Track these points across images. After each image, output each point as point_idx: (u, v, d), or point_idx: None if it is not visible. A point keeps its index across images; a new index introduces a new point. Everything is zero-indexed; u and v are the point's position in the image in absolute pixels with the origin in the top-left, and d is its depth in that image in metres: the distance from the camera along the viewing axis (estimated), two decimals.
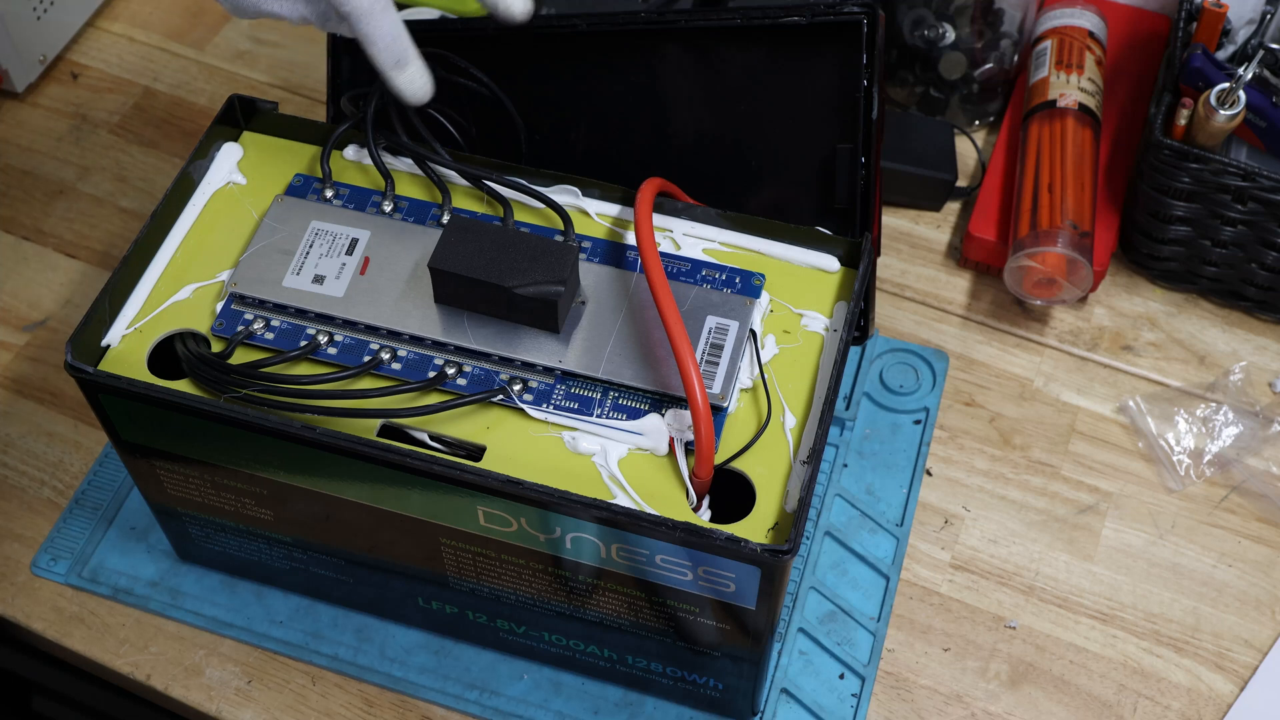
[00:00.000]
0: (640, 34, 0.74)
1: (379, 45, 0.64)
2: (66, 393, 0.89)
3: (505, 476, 0.61)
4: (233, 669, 0.78)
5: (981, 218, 0.94)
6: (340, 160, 0.74)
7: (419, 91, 0.67)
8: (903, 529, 0.83)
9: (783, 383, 0.67)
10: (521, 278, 0.64)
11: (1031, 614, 0.81)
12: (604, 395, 0.65)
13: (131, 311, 0.68)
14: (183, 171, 0.71)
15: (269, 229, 0.70)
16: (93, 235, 0.97)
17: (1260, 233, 0.88)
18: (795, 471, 0.64)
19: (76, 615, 0.80)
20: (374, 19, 0.63)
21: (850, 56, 0.72)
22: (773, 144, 0.77)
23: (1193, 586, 0.82)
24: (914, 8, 0.98)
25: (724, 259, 0.70)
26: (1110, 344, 0.92)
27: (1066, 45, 0.97)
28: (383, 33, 0.64)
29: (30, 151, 1.02)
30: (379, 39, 0.64)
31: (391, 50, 0.64)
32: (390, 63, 0.65)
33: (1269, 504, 0.84)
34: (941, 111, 1.02)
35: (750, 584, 0.62)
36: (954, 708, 0.77)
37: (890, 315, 0.93)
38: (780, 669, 0.77)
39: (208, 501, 0.72)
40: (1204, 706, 0.78)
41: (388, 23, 0.64)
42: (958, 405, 0.89)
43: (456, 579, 0.71)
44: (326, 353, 0.67)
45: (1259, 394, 0.89)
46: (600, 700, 0.76)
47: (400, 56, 0.65)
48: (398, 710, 0.77)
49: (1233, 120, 0.86)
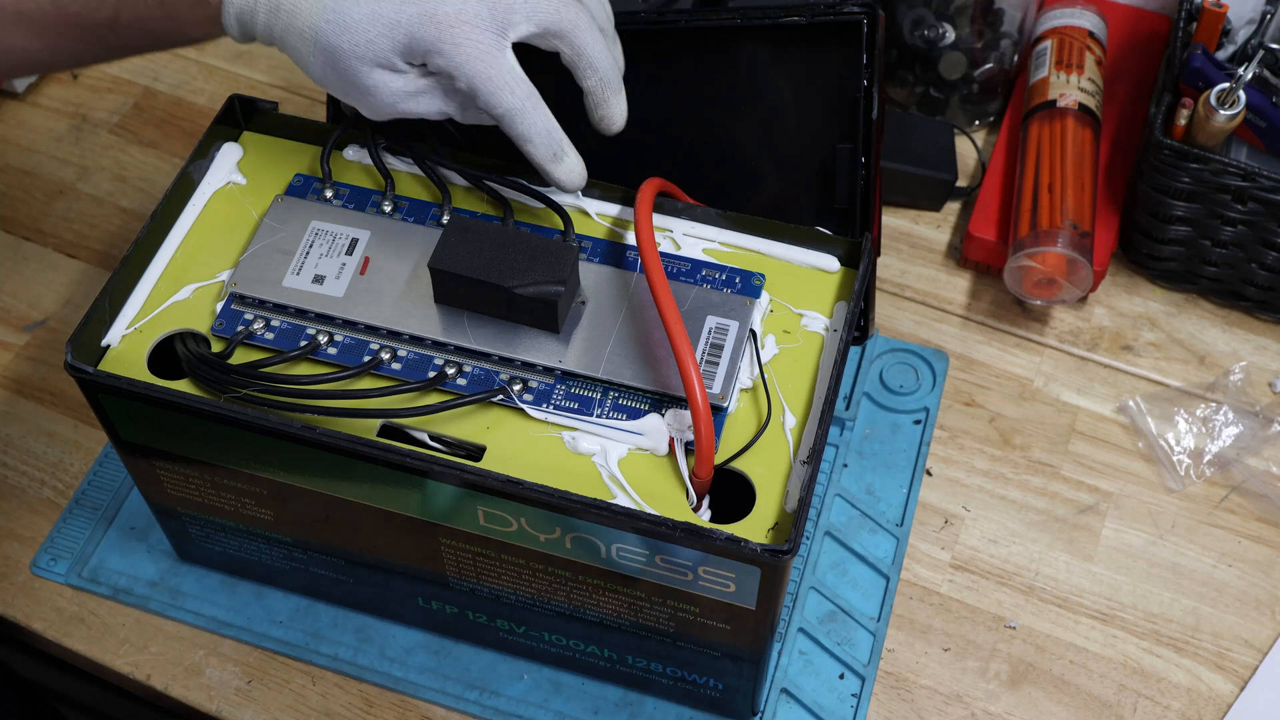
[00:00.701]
0: (640, 34, 0.74)
1: (535, 142, 0.64)
2: (66, 393, 0.89)
3: (505, 476, 0.61)
4: (233, 669, 0.78)
5: (981, 218, 0.94)
6: (340, 160, 0.74)
7: (578, 181, 0.67)
8: (903, 529, 0.83)
9: (783, 383, 0.67)
10: (521, 278, 0.64)
11: (1031, 614, 0.81)
12: (604, 395, 0.65)
13: (131, 311, 0.68)
14: (183, 171, 0.71)
15: (269, 229, 0.70)
16: (93, 235, 0.97)
17: (1260, 233, 0.88)
18: (795, 471, 0.64)
19: (76, 615, 0.80)
20: (527, 117, 0.64)
21: (850, 56, 0.72)
22: (773, 144, 0.77)
23: (1193, 586, 0.82)
24: (914, 8, 0.98)
25: (724, 259, 0.70)
26: (1110, 344, 0.92)
27: (1066, 45, 0.98)
28: (537, 129, 0.64)
29: (30, 151, 1.02)
30: (534, 136, 0.64)
31: (548, 144, 0.65)
32: (548, 156, 0.65)
33: (1269, 504, 0.84)
34: (941, 111, 1.02)
35: (750, 584, 0.62)
36: (954, 708, 0.77)
37: (890, 315, 0.93)
38: (780, 669, 0.77)
39: (208, 501, 0.72)
40: (1204, 706, 0.78)
41: (541, 118, 0.64)
42: (958, 405, 0.89)
43: (456, 579, 0.71)
44: (326, 353, 0.67)
45: (1259, 394, 0.89)
46: (600, 700, 0.76)
47: (556, 149, 0.65)
48: (398, 710, 0.77)
49: (1233, 120, 0.86)
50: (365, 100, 0.65)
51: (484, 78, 0.62)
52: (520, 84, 0.63)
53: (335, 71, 0.64)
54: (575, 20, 0.64)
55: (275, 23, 0.64)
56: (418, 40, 0.62)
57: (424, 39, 0.62)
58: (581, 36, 0.64)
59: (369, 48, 0.63)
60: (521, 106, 0.63)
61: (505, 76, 0.62)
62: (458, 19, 0.62)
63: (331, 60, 0.63)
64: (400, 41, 0.62)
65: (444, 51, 0.62)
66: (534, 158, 0.65)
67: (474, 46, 0.62)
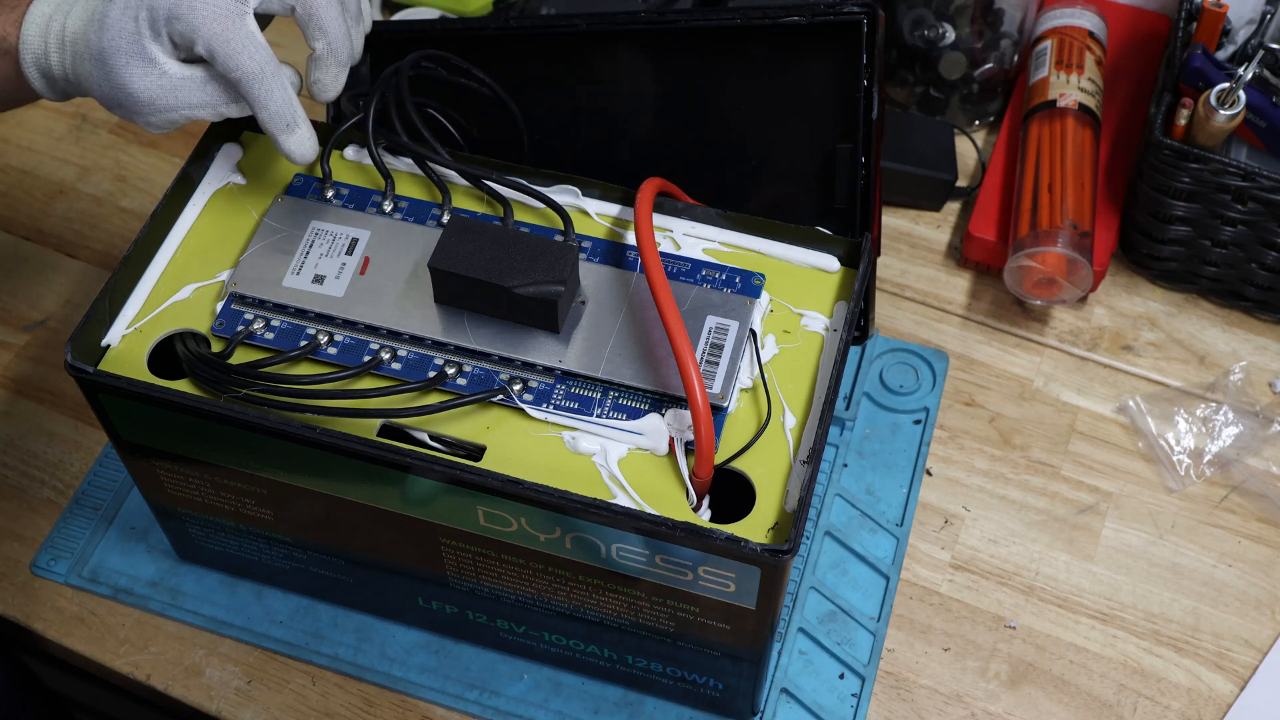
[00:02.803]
0: (640, 34, 0.74)
1: (270, 109, 0.64)
2: (66, 393, 0.89)
3: (505, 476, 0.61)
4: (233, 669, 0.78)
5: (981, 218, 0.94)
6: (340, 160, 0.74)
7: (309, 153, 0.66)
8: (903, 529, 0.83)
9: (783, 383, 0.67)
10: (521, 278, 0.64)
11: (1031, 614, 0.81)
12: (604, 395, 0.65)
13: (131, 311, 0.68)
14: (183, 171, 0.71)
15: (269, 229, 0.70)
16: (93, 235, 0.97)
17: (1260, 233, 0.88)
18: (795, 471, 0.64)
19: (76, 615, 0.80)
20: (266, 82, 0.63)
21: (850, 56, 0.72)
22: (773, 144, 0.77)
23: (1193, 586, 0.82)
24: (914, 8, 0.98)
25: (724, 259, 0.70)
26: (1110, 344, 0.92)
27: (1066, 45, 0.98)
28: (274, 96, 0.64)
29: (30, 151, 1.02)
30: (270, 102, 0.64)
31: (283, 113, 0.65)
32: (281, 125, 0.65)
33: (1269, 504, 0.84)
34: (941, 111, 1.02)
35: (750, 584, 0.62)
36: (954, 708, 0.77)
37: (890, 315, 0.93)
38: (780, 669, 0.77)
39: (208, 501, 0.72)
40: (1204, 706, 0.78)
41: (278, 86, 0.64)
42: (958, 405, 0.89)
43: (456, 579, 0.71)
44: (326, 353, 0.67)
45: (1259, 394, 0.89)
46: (600, 700, 0.76)
47: (290, 119, 0.65)
48: (398, 710, 0.77)
49: (1233, 120, 0.86)
50: (130, 101, 0.64)
51: (222, 39, 0.62)
52: (260, 49, 0.63)
53: (106, 78, 0.63)
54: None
55: (65, 57, 0.64)
56: (156, 9, 0.62)
57: (162, 6, 0.62)
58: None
59: (122, 36, 0.62)
60: (260, 71, 0.63)
61: (244, 40, 0.62)
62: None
63: (100, 66, 0.63)
64: (144, 19, 0.62)
65: (183, 16, 0.62)
66: (267, 125, 0.65)
67: (211, 9, 0.62)
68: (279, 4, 0.64)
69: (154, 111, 0.64)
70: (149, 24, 0.62)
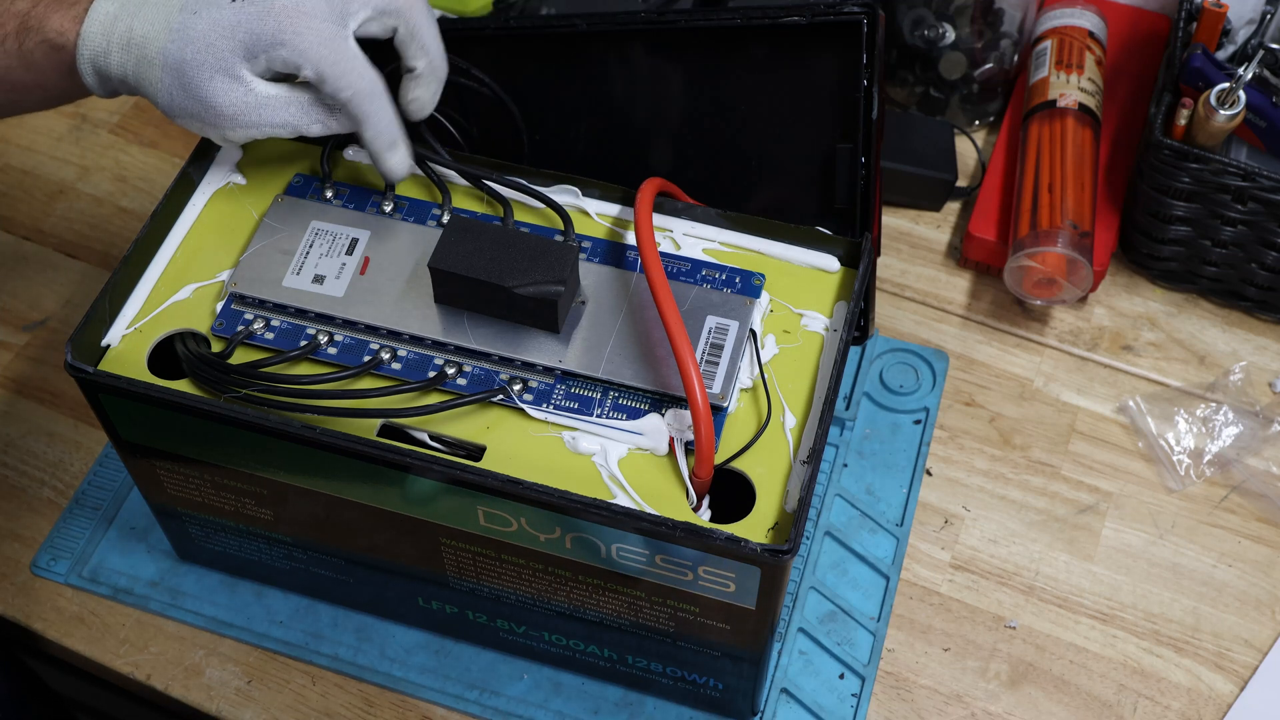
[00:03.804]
0: (640, 34, 0.74)
1: (377, 128, 0.65)
2: (66, 393, 0.89)
3: (505, 476, 0.61)
4: (233, 669, 0.78)
5: (981, 218, 0.94)
6: (340, 160, 0.74)
7: (406, 171, 0.68)
8: (903, 529, 0.83)
9: (783, 383, 0.67)
10: (521, 278, 0.64)
11: (1031, 614, 0.81)
12: (604, 395, 0.65)
13: (131, 311, 0.68)
14: (183, 171, 0.71)
15: (269, 229, 0.70)
16: (93, 235, 0.97)
17: (1260, 233, 0.88)
18: (795, 471, 0.64)
19: (76, 615, 0.80)
20: (374, 101, 0.65)
21: (850, 56, 0.72)
22: (773, 144, 0.77)
23: (1193, 586, 0.82)
24: (914, 8, 0.98)
25: (724, 259, 0.70)
26: (1110, 344, 0.92)
27: (1066, 45, 0.97)
28: (381, 116, 0.65)
29: (30, 151, 1.02)
30: (377, 121, 0.65)
31: (388, 132, 0.66)
32: (385, 144, 0.66)
33: (1269, 504, 0.84)
34: (941, 111, 1.02)
35: (750, 584, 0.62)
36: (954, 708, 0.77)
37: (890, 315, 0.93)
38: (780, 669, 0.77)
39: (208, 501, 0.72)
40: (1204, 706, 0.78)
41: (385, 105, 0.65)
42: (958, 405, 0.89)
43: (456, 579, 0.71)
44: (326, 353, 0.67)
45: (1259, 394, 0.89)
46: (600, 700, 0.76)
47: (394, 138, 0.67)
48: (398, 710, 0.77)
49: (1233, 120, 0.86)
50: (210, 115, 0.64)
51: (330, 62, 0.63)
52: (367, 68, 0.64)
53: (182, 90, 0.63)
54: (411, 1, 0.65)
55: (128, 59, 0.64)
56: (258, 36, 0.62)
57: (265, 33, 0.62)
58: (417, 16, 0.66)
59: (210, 52, 0.62)
60: (369, 90, 0.64)
61: (351, 61, 0.63)
62: (296, 10, 0.62)
63: (177, 77, 0.63)
64: (241, 41, 0.62)
65: (286, 41, 0.62)
66: (370, 143, 0.66)
67: (316, 34, 0.62)
68: (379, 26, 0.65)
69: (234, 127, 0.64)
70: (245, 47, 0.62)
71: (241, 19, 0.62)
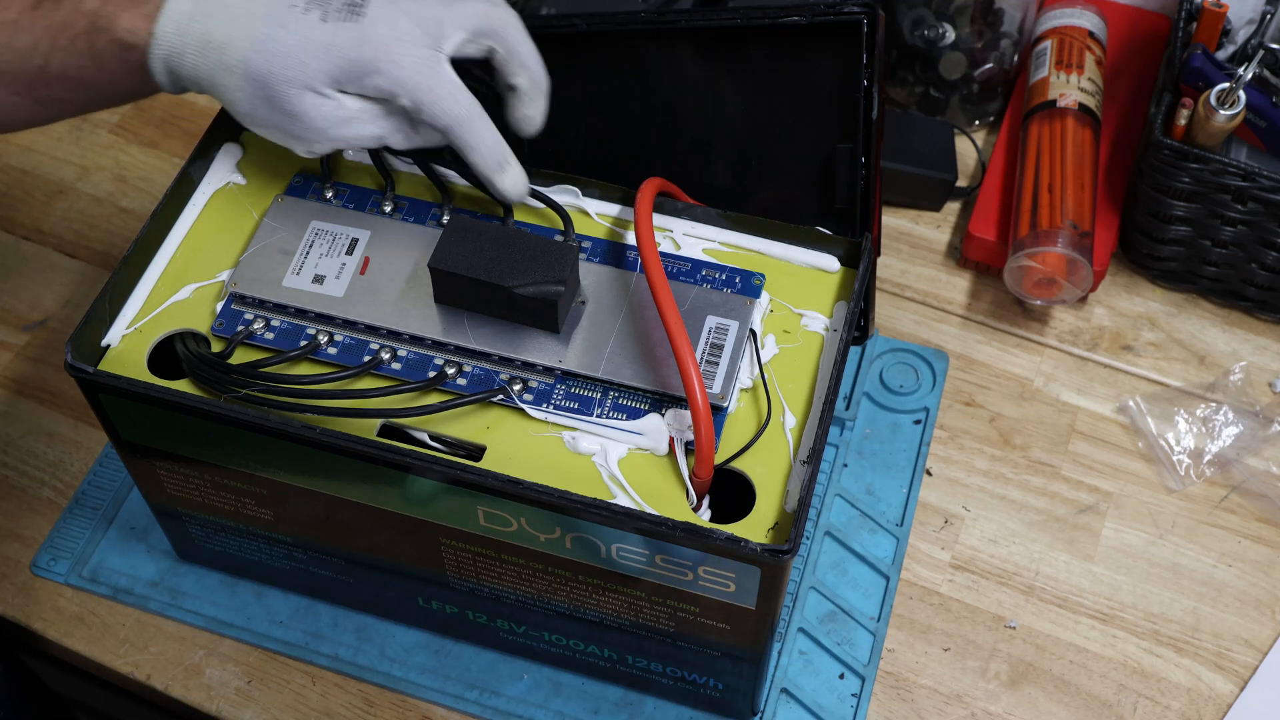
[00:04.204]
0: (640, 34, 0.74)
1: (480, 151, 0.65)
2: (66, 393, 0.89)
3: (505, 476, 0.61)
4: (233, 669, 0.78)
5: (981, 218, 0.94)
6: (340, 160, 0.74)
7: (522, 190, 0.67)
8: (903, 529, 0.83)
9: (783, 383, 0.67)
10: (521, 278, 0.64)
11: (1031, 614, 0.81)
12: (604, 395, 0.65)
13: (131, 311, 0.68)
14: (183, 171, 0.71)
15: (269, 229, 0.70)
16: (93, 235, 0.97)
17: (1260, 233, 0.88)
18: (795, 471, 0.64)
19: (76, 615, 0.80)
20: (474, 125, 0.64)
21: (850, 56, 0.72)
22: (773, 144, 0.77)
23: (1193, 586, 0.82)
24: (914, 8, 0.98)
25: (724, 259, 0.70)
26: (1110, 344, 0.92)
27: (1066, 45, 0.97)
28: (484, 138, 0.65)
29: (30, 151, 1.02)
30: (480, 145, 0.65)
31: (494, 153, 0.65)
32: (493, 165, 0.66)
33: (1269, 504, 0.84)
34: (941, 111, 1.02)
35: (750, 584, 0.62)
36: (954, 708, 0.77)
37: (890, 315, 0.93)
38: (780, 669, 0.77)
39: (208, 501, 0.72)
40: (1204, 706, 0.78)
41: (486, 127, 0.65)
42: (958, 405, 0.89)
43: (456, 579, 0.71)
44: (326, 353, 0.67)
45: (1259, 394, 0.89)
46: (600, 700, 0.76)
47: (501, 158, 0.66)
48: (398, 710, 0.77)
49: (1233, 120, 0.86)
50: (296, 128, 0.64)
51: (426, 89, 0.62)
52: (463, 94, 0.63)
53: (266, 101, 0.63)
54: (505, 19, 0.65)
55: (204, 62, 0.63)
56: (354, 62, 0.62)
57: (360, 60, 0.62)
58: (512, 34, 0.65)
59: (301, 70, 0.62)
60: (468, 115, 0.64)
61: (448, 88, 0.63)
62: (392, 38, 0.62)
63: (262, 89, 0.62)
64: (336, 64, 0.62)
65: (383, 70, 0.62)
66: (479, 167, 0.65)
67: (413, 62, 0.62)
68: (476, 48, 0.65)
69: (321, 140, 0.64)
70: (339, 70, 0.62)
71: (336, 42, 0.62)
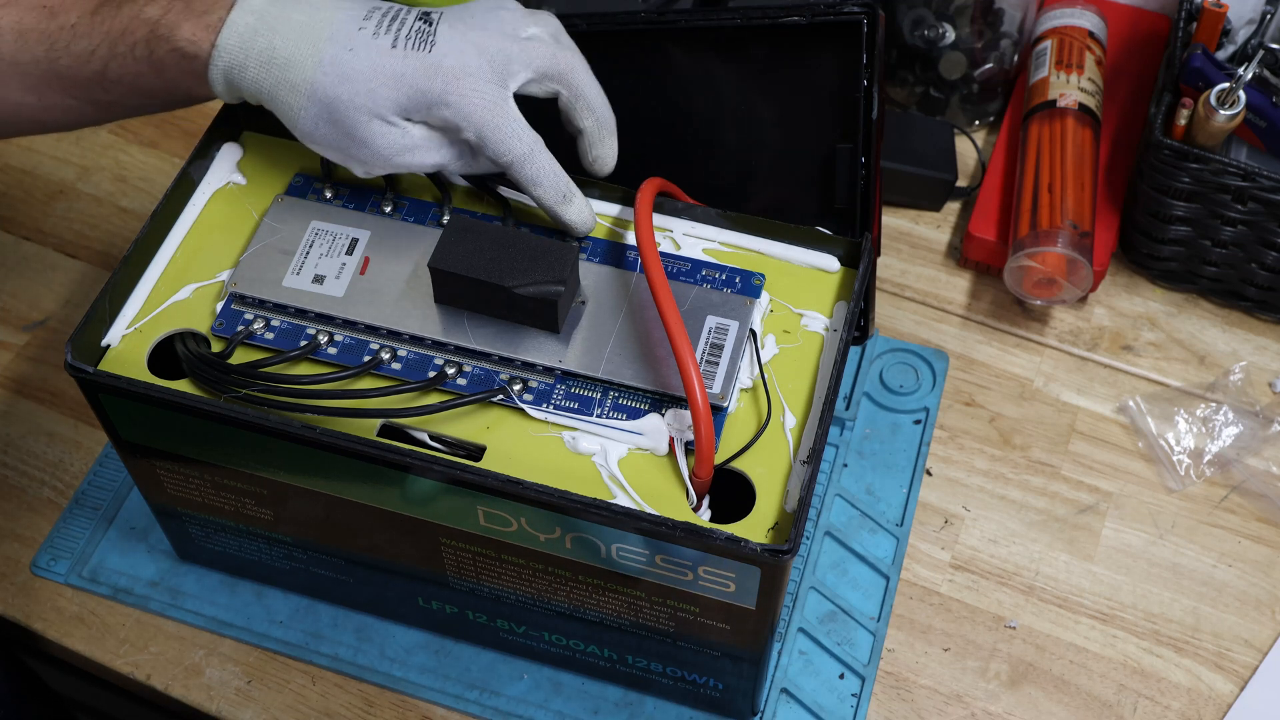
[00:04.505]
0: (640, 34, 0.74)
1: (544, 185, 0.66)
2: (66, 393, 0.89)
3: (505, 476, 0.61)
4: (233, 669, 0.78)
5: (981, 218, 0.94)
6: None
7: (589, 222, 0.68)
8: (903, 529, 0.83)
9: (783, 383, 0.67)
10: (521, 278, 0.64)
11: (1031, 614, 0.81)
12: (604, 395, 0.65)
13: (131, 311, 0.68)
14: (183, 171, 0.71)
15: (269, 229, 0.70)
16: (93, 235, 0.97)
17: (1260, 233, 0.88)
18: (795, 471, 0.64)
19: (76, 615, 0.80)
20: (537, 160, 0.65)
21: (850, 56, 0.72)
22: (773, 144, 0.77)
23: (1193, 586, 0.82)
24: (914, 8, 0.98)
25: (724, 259, 0.70)
26: (1110, 344, 0.92)
27: (1066, 45, 0.98)
28: (546, 173, 0.66)
29: (30, 151, 1.02)
30: (543, 179, 0.66)
31: (557, 187, 0.66)
32: (557, 199, 0.67)
33: (1269, 504, 0.84)
34: (941, 111, 1.02)
35: (750, 584, 0.62)
36: (954, 708, 0.77)
37: (890, 315, 0.93)
38: (780, 669, 0.77)
39: (208, 501, 0.72)
40: (1204, 706, 0.78)
41: (548, 161, 0.66)
42: (958, 405, 0.89)
43: (456, 579, 0.71)
44: (326, 353, 0.67)
45: (1259, 394, 0.89)
46: (600, 700, 0.76)
47: (565, 191, 0.67)
48: (398, 710, 0.77)
49: (1233, 120, 0.86)
50: (361, 152, 0.65)
51: (492, 126, 0.63)
52: (526, 130, 0.65)
53: (332, 124, 0.64)
54: (572, 63, 0.66)
55: (266, 77, 0.63)
56: (423, 93, 0.63)
57: (430, 91, 0.63)
58: (579, 78, 0.66)
59: (370, 98, 0.63)
60: (530, 152, 0.65)
61: (512, 124, 0.64)
62: (461, 72, 0.63)
63: (329, 112, 0.63)
64: (405, 94, 0.63)
65: (451, 103, 0.63)
66: (543, 201, 0.67)
67: (480, 97, 0.63)
68: (541, 89, 0.66)
69: (383, 165, 0.65)
70: (408, 99, 0.63)
71: (406, 71, 0.62)
